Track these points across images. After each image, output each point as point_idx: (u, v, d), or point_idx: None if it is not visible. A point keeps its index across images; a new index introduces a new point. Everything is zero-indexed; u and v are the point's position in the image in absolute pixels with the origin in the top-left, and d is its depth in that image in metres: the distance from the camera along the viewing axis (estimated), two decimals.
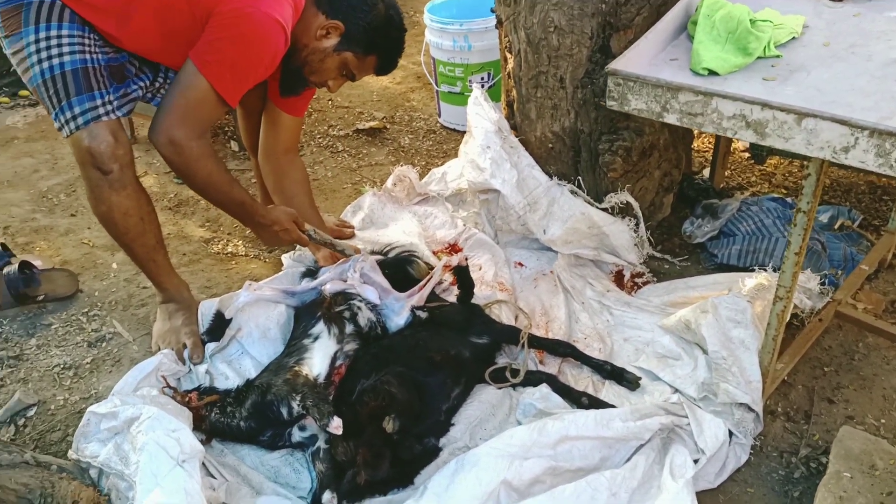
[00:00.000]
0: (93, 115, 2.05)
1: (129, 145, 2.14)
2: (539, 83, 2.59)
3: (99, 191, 2.12)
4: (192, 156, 2.10)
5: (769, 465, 2.06)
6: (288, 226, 2.35)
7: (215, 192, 2.22)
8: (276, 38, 2.07)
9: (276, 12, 2.03)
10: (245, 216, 2.33)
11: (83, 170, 2.11)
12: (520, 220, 2.71)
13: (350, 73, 2.33)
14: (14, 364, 2.36)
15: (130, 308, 2.59)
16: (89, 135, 2.05)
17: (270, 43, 2.07)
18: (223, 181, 2.20)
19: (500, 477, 1.81)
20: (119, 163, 2.10)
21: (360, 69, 2.33)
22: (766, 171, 3.24)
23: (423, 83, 4.33)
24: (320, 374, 2.12)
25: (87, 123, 2.05)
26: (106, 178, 2.10)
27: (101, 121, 2.06)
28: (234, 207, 2.29)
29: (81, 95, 2.04)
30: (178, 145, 2.08)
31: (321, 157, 3.64)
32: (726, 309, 2.14)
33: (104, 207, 2.15)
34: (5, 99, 4.34)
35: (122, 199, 2.15)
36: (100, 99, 2.06)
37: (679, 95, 1.61)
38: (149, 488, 1.70)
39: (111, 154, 2.07)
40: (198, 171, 2.14)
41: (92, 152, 2.05)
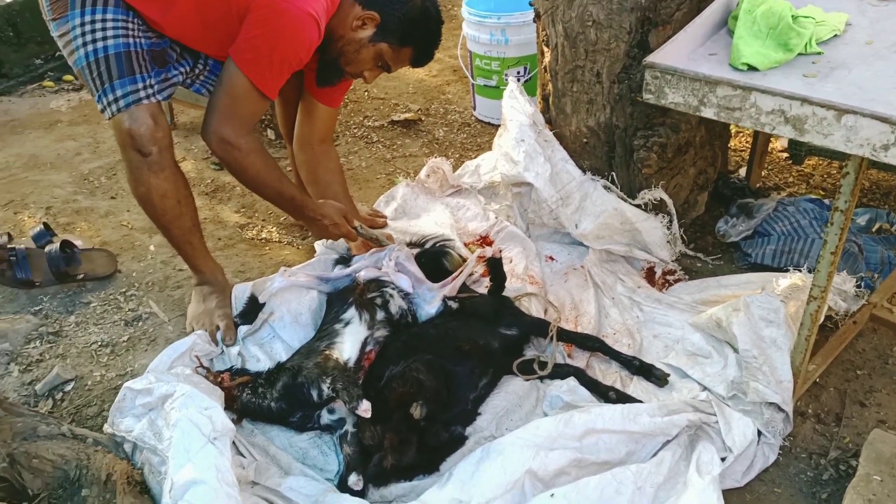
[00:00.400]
0: (134, 98, 2.10)
1: (168, 129, 2.18)
2: (575, 77, 2.59)
3: (138, 172, 2.17)
4: (241, 152, 2.17)
5: (797, 465, 2.05)
6: (338, 220, 2.40)
7: (265, 187, 2.29)
8: (309, 32, 2.10)
9: (309, 6, 2.07)
10: (295, 210, 2.39)
11: (123, 151, 2.16)
12: (552, 214, 2.71)
13: (385, 64, 2.35)
14: (53, 340, 2.42)
15: (166, 289, 2.64)
16: (130, 117, 2.10)
17: (304, 37, 2.10)
18: (273, 177, 2.26)
19: (526, 466, 1.82)
20: (158, 146, 2.14)
21: (395, 61, 2.34)
22: (804, 172, 3.21)
23: (458, 76, 4.34)
24: (350, 359, 2.15)
25: (128, 106, 2.09)
26: (145, 161, 2.14)
27: (142, 104, 2.10)
28: (285, 202, 2.35)
29: (123, 79, 2.09)
30: (228, 143, 2.15)
31: (356, 148, 3.67)
32: (759, 308, 2.13)
33: (143, 189, 2.20)
34: (50, 83, 4.43)
35: (161, 181, 2.19)
36: (141, 82, 2.11)
37: (717, 89, 1.61)
38: (181, 464, 1.73)
39: (150, 137, 2.12)
40: (248, 166, 2.21)
41: (132, 134, 2.10)
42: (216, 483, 1.69)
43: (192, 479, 1.68)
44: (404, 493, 1.98)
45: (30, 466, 1.75)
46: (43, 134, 3.83)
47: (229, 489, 1.70)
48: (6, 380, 2.28)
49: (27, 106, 4.15)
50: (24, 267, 2.55)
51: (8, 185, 3.34)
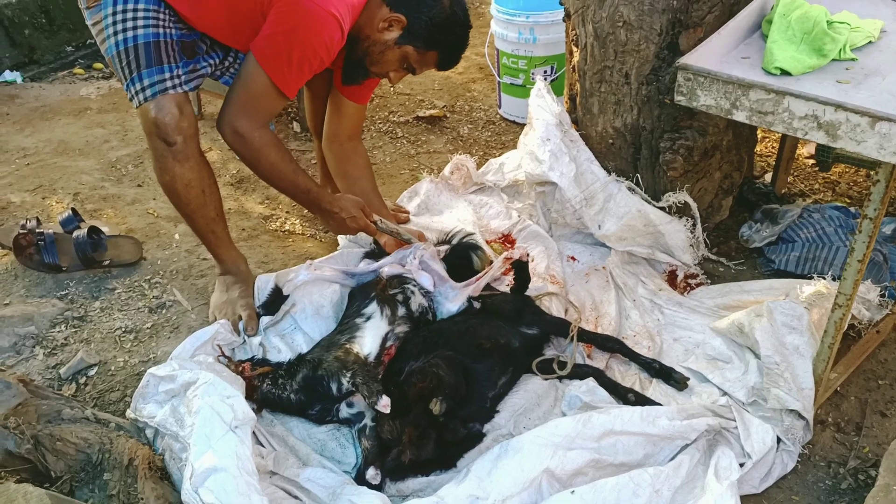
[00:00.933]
0: (160, 88, 2.12)
1: (194, 118, 2.20)
2: (604, 78, 2.58)
3: (163, 161, 2.19)
4: (255, 145, 2.19)
5: (816, 474, 2.04)
6: (355, 213, 2.39)
7: (279, 180, 2.30)
8: (331, 32, 2.10)
9: (331, 6, 2.07)
10: (311, 203, 2.39)
11: (149, 140, 2.18)
12: (575, 214, 2.71)
13: (411, 66, 2.34)
14: (78, 325, 2.45)
15: (190, 278, 2.67)
16: (156, 106, 2.12)
17: (325, 37, 2.11)
18: (288, 170, 2.27)
19: (543, 465, 1.82)
20: (183, 135, 2.16)
21: (420, 63, 2.34)
22: (830, 179, 3.18)
23: (484, 74, 4.34)
24: (371, 353, 2.16)
25: (154, 95, 2.12)
26: (170, 150, 2.16)
27: (168, 93, 2.13)
28: (300, 195, 2.36)
29: (151, 68, 2.11)
30: (241, 135, 2.17)
31: (380, 143, 3.69)
32: (782, 314, 2.12)
33: (167, 177, 2.23)
34: (80, 70, 4.49)
35: (185, 170, 2.22)
36: (168, 72, 2.13)
37: (750, 93, 1.60)
38: (202, 450, 1.74)
39: (176, 126, 2.14)
40: (261, 159, 2.22)
41: (158, 123, 2.12)
42: (236, 471, 1.71)
43: (213, 467, 1.70)
44: (421, 488, 1.99)
45: (53, 449, 1.78)
46: (72, 120, 3.88)
47: (249, 478, 1.72)
48: (31, 363, 2.31)
49: (58, 92, 4.20)
50: (52, 251, 2.59)
51: (37, 170, 3.38)
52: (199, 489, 1.68)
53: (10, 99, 4.12)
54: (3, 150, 3.57)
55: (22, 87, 4.27)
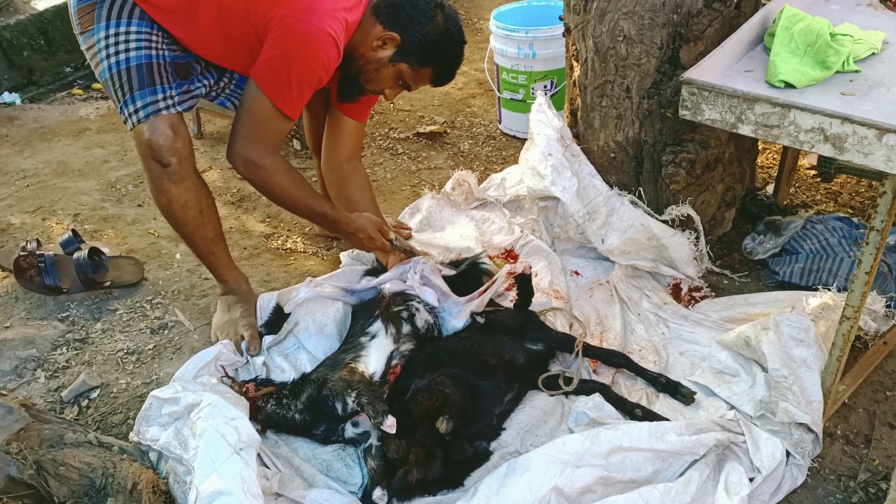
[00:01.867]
0: (153, 109, 2.12)
1: (188, 139, 2.20)
2: (605, 92, 2.58)
3: (159, 183, 2.19)
4: (268, 172, 2.20)
5: (826, 487, 2.02)
6: (373, 234, 2.41)
7: (294, 205, 2.32)
8: (327, 51, 2.11)
9: (326, 25, 2.07)
10: (329, 225, 2.42)
11: (144, 162, 2.18)
12: (578, 229, 2.70)
13: (405, 83, 2.35)
14: (80, 347, 2.43)
15: (192, 298, 2.66)
16: (149, 128, 2.12)
17: (322, 56, 2.11)
18: (303, 195, 2.29)
19: (552, 483, 1.80)
20: (178, 156, 2.16)
21: (415, 80, 2.34)
22: (832, 190, 3.17)
23: (484, 89, 4.34)
24: (376, 373, 2.14)
25: (147, 117, 2.11)
26: (165, 171, 2.16)
27: (161, 115, 2.12)
28: (317, 218, 2.40)
29: (144, 90, 2.12)
30: (253, 164, 2.18)
31: (381, 159, 3.68)
32: (789, 327, 2.10)
33: (164, 199, 2.22)
34: (79, 91, 4.49)
35: (182, 191, 2.21)
36: (161, 93, 2.13)
37: (755, 106, 1.59)
38: (207, 473, 1.73)
39: (170, 147, 2.13)
40: (274, 186, 2.24)
41: (151, 145, 2.12)
42: (241, 494, 1.69)
43: (218, 490, 1.68)
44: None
45: (56, 474, 1.76)
46: (72, 141, 3.87)
47: (254, 500, 1.70)
48: (33, 386, 2.29)
49: (57, 113, 4.20)
50: (53, 273, 2.57)
51: (36, 191, 3.37)
52: None
53: (9, 121, 4.11)
54: (2, 171, 3.57)
55: (21, 109, 4.27)
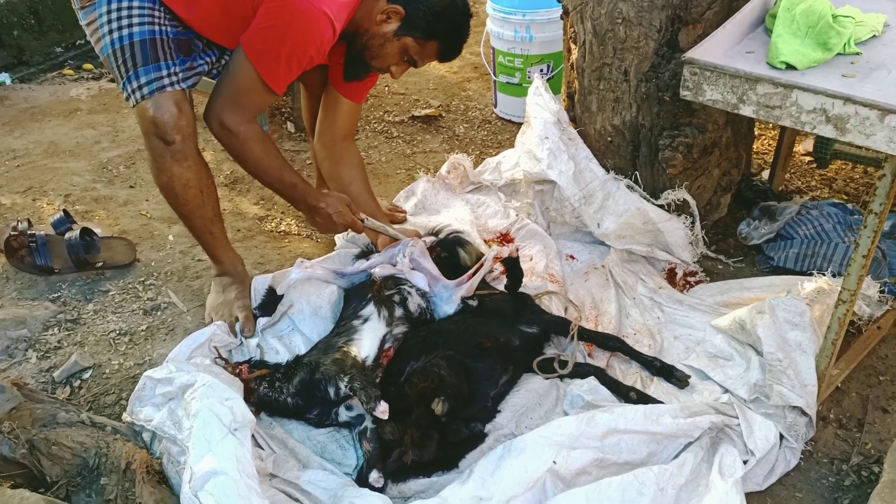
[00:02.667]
0: (158, 86, 2.08)
1: (192, 117, 2.17)
2: (602, 75, 2.57)
3: (161, 161, 2.16)
4: (241, 139, 2.17)
5: (819, 471, 2.03)
6: (341, 209, 2.35)
7: (265, 175, 2.28)
8: (322, 31, 2.08)
9: (323, 4, 2.04)
10: (297, 199, 2.35)
11: (147, 139, 2.14)
12: (574, 213, 2.70)
13: (411, 58, 2.31)
14: (71, 327, 2.41)
15: (185, 279, 2.63)
16: (154, 104, 2.08)
17: (316, 35, 2.08)
18: (273, 165, 2.25)
19: (547, 465, 1.80)
20: (181, 134, 2.13)
21: (421, 55, 2.30)
22: (827, 176, 3.18)
23: (479, 73, 4.32)
24: (369, 356, 2.13)
25: (151, 93, 2.08)
26: (168, 149, 2.13)
27: (166, 91, 2.09)
28: (286, 190, 2.32)
29: (148, 66, 2.08)
30: (227, 129, 2.16)
31: (376, 143, 3.66)
32: (784, 311, 2.11)
33: (165, 178, 2.19)
34: (70, 71, 4.44)
35: (183, 170, 2.18)
36: (165, 70, 2.09)
37: (757, 87, 1.58)
38: (201, 454, 1.72)
39: (174, 125, 2.10)
40: (247, 153, 2.21)
41: (156, 122, 2.09)
42: (237, 474, 1.68)
43: (213, 470, 1.68)
44: (423, 490, 1.97)
45: (49, 453, 1.75)
46: (62, 122, 3.83)
47: (249, 481, 1.69)
48: (24, 366, 2.27)
49: (47, 94, 4.15)
50: (44, 253, 2.55)
51: (27, 171, 3.34)
52: (198, 493, 1.66)
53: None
54: None
55: (11, 89, 4.22)
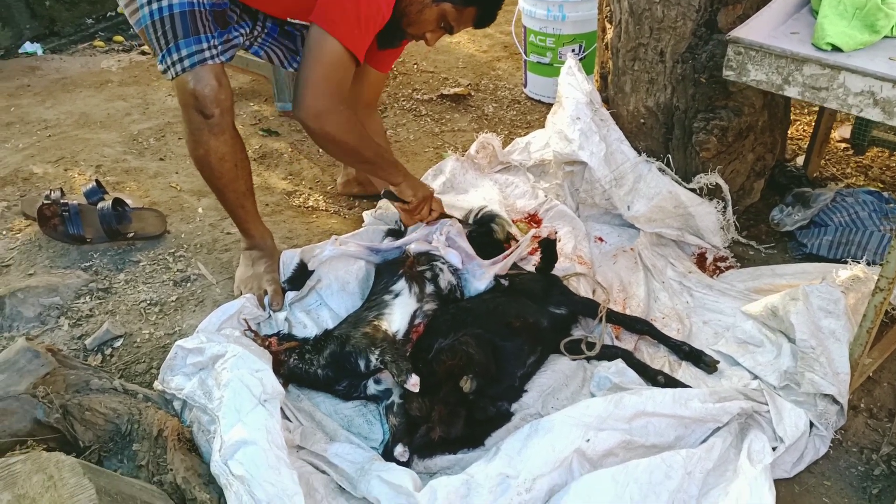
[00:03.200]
0: (199, 59, 2.08)
1: (230, 91, 2.16)
2: (637, 56, 2.53)
3: (198, 134, 2.16)
4: (341, 120, 2.12)
5: (848, 459, 2.01)
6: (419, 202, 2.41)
7: (366, 149, 2.24)
8: None
9: None
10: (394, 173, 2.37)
11: (185, 112, 2.14)
12: (604, 195, 2.67)
13: (448, 25, 2.27)
14: (103, 296, 2.44)
15: (214, 252, 2.65)
16: (194, 77, 2.07)
17: None
18: (371, 138, 2.25)
19: (574, 445, 1.80)
20: (220, 107, 2.12)
21: (458, 21, 2.26)
22: (863, 164, 3.13)
23: (509, 52, 4.29)
24: (399, 331, 2.14)
25: (192, 66, 2.07)
26: (206, 122, 2.13)
27: (207, 64, 2.08)
28: (386, 156, 2.35)
29: (188, 38, 2.07)
30: (328, 114, 2.08)
31: (404, 120, 3.65)
32: (818, 298, 2.08)
33: (202, 151, 2.19)
34: (101, 43, 4.46)
35: (220, 143, 2.18)
36: (206, 42, 2.09)
37: (804, 68, 1.56)
38: (231, 423, 1.73)
39: (214, 98, 2.10)
40: (348, 132, 2.15)
41: (196, 95, 2.08)
42: (266, 444, 1.69)
43: (243, 439, 1.69)
44: (448, 466, 1.97)
45: (82, 419, 1.77)
46: (93, 93, 3.86)
47: (279, 451, 1.70)
48: (56, 333, 2.30)
49: (78, 65, 4.18)
50: (77, 223, 2.57)
51: (59, 141, 3.37)
52: (228, 461, 1.68)
53: (30, 70, 4.10)
54: (24, 121, 3.56)
55: (42, 59, 4.26)
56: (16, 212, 2.80)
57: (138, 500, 1.48)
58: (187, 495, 1.68)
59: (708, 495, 1.78)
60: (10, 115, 3.60)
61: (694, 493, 1.77)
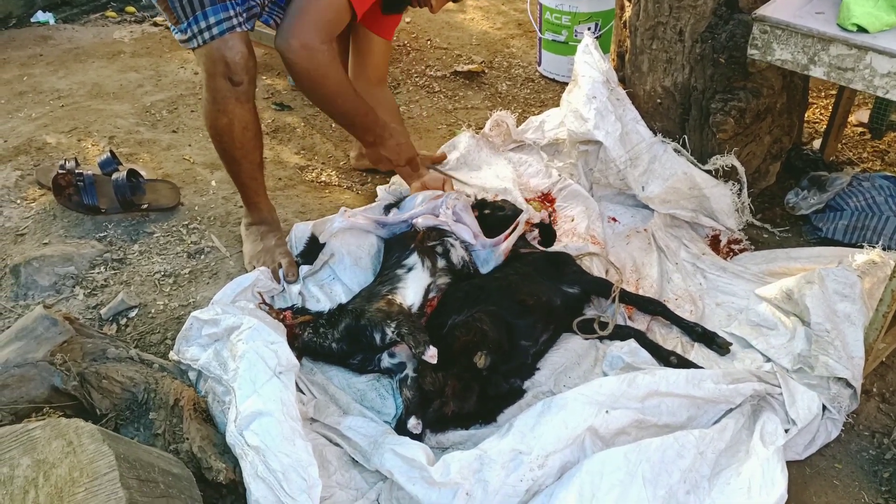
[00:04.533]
0: (227, 26, 2.06)
1: (256, 60, 2.15)
2: (656, 34, 2.51)
3: (224, 103, 2.14)
4: (324, 60, 2.13)
5: (860, 443, 2.02)
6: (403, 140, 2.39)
7: (344, 100, 2.25)
8: None
9: None
10: (368, 127, 2.36)
11: (211, 81, 2.12)
12: (619, 175, 2.66)
13: None
14: (118, 267, 2.44)
15: (228, 225, 2.65)
16: (225, 45, 2.06)
17: None
18: (351, 89, 2.23)
19: (587, 423, 1.81)
20: (249, 75, 2.12)
21: None
22: (880, 149, 3.10)
23: (523, 30, 4.26)
24: (413, 305, 2.14)
25: (222, 34, 2.06)
26: (234, 90, 2.12)
27: (236, 31, 2.07)
28: (362, 117, 2.32)
29: (216, 5, 2.05)
30: (310, 49, 2.10)
31: (417, 97, 3.63)
32: (834, 281, 2.07)
33: (225, 119, 2.18)
34: (113, 13, 4.44)
35: (245, 112, 2.18)
36: (232, 10, 2.07)
37: (830, 48, 1.54)
38: (247, 394, 1.74)
39: (244, 65, 2.09)
40: (329, 75, 2.16)
41: (227, 62, 2.07)
42: (281, 416, 1.71)
43: (259, 411, 1.70)
44: (461, 441, 1.98)
45: (99, 387, 1.78)
46: (106, 64, 3.84)
47: (293, 423, 1.72)
48: (71, 302, 2.31)
49: (90, 35, 4.16)
50: (91, 193, 2.57)
51: (71, 112, 3.36)
52: (244, 432, 1.69)
53: (43, 40, 4.09)
54: (37, 90, 3.55)
55: (55, 29, 4.24)
56: (30, 181, 2.80)
57: (156, 468, 1.49)
58: (203, 464, 1.70)
59: (720, 475, 1.79)
60: (22, 85, 3.60)
61: (706, 472, 1.78)
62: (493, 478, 1.72)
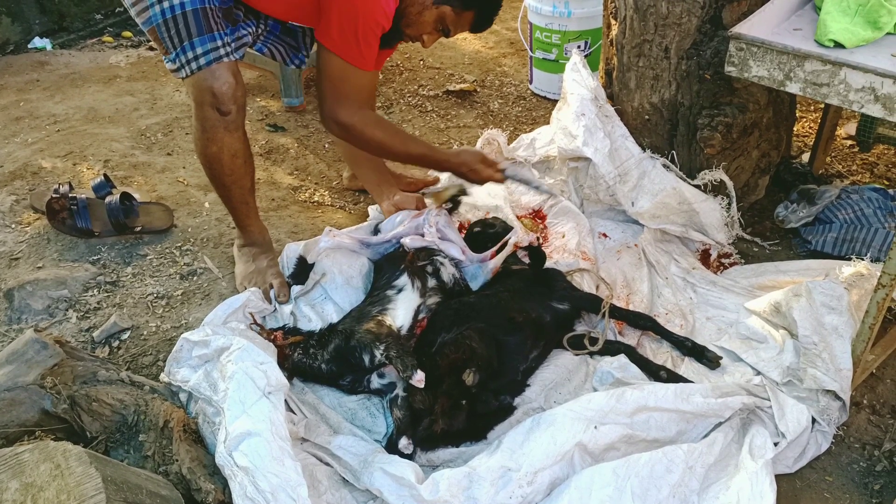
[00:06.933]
0: (214, 56, 2.08)
1: (245, 88, 2.18)
2: (642, 52, 2.54)
3: (213, 132, 2.17)
4: (359, 129, 2.27)
5: (850, 455, 2.02)
6: (476, 167, 2.44)
7: (394, 154, 2.41)
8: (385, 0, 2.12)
9: None
10: (433, 165, 2.54)
11: (199, 110, 2.14)
12: (608, 191, 2.68)
13: (446, 28, 2.32)
14: (111, 289, 2.46)
15: (221, 246, 2.66)
16: (212, 75, 2.09)
17: (381, 5, 2.12)
18: (397, 142, 2.35)
19: (576, 439, 1.81)
20: (237, 104, 2.15)
21: (456, 24, 2.32)
22: (868, 161, 3.12)
23: (515, 49, 4.29)
24: (403, 326, 2.15)
25: (209, 64, 2.08)
26: (223, 119, 2.14)
27: (223, 61, 2.10)
28: (418, 160, 2.48)
29: (203, 36, 2.07)
30: (343, 125, 2.26)
31: (409, 116, 3.66)
32: (821, 294, 2.08)
33: (215, 148, 2.20)
34: (109, 38, 4.49)
35: (234, 140, 2.21)
36: (220, 40, 2.10)
37: (805, 64, 1.56)
38: (236, 415, 1.75)
39: (231, 95, 2.12)
40: (369, 140, 2.30)
41: (214, 92, 2.09)
42: (270, 436, 1.71)
43: (248, 431, 1.71)
44: (451, 459, 1.99)
45: (89, 409, 1.79)
46: (102, 88, 3.88)
47: (283, 442, 1.72)
48: (64, 325, 2.32)
49: (87, 60, 4.20)
50: (85, 216, 2.59)
51: (67, 136, 3.39)
52: (233, 452, 1.69)
53: (39, 65, 4.13)
54: (33, 115, 3.58)
55: (52, 54, 4.28)
56: (25, 205, 2.82)
57: (144, 490, 1.50)
58: (192, 485, 1.70)
59: (709, 489, 1.80)
60: (19, 110, 3.63)
61: (695, 487, 1.78)
62: (482, 495, 1.73)
